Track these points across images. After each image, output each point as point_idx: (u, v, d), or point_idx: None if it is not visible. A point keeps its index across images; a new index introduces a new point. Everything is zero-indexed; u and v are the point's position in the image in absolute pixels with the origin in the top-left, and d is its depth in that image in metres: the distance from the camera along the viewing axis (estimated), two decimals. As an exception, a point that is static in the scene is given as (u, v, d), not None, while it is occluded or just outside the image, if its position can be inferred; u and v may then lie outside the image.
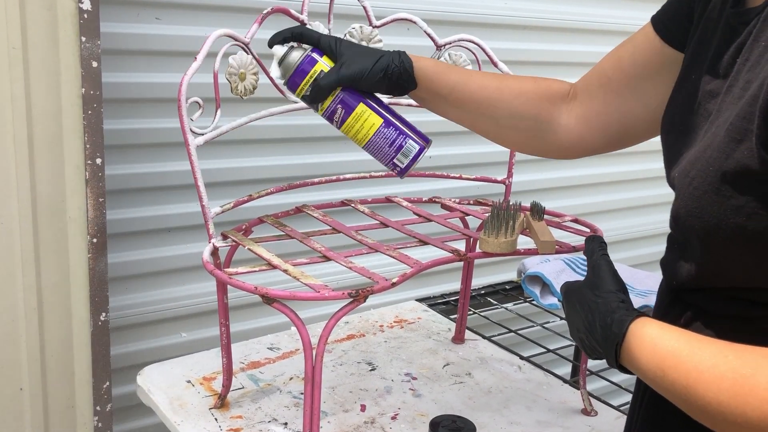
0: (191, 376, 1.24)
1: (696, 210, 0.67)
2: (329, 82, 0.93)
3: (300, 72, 0.95)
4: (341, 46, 0.95)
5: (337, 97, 0.95)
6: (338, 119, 0.96)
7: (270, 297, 0.88)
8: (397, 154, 0.96)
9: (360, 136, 0.96)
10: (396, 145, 0.96)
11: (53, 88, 1.19)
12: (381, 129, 0.95)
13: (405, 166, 0.97)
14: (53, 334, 1.27)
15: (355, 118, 0.95)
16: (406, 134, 0.97)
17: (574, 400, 1.25)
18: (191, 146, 0.98)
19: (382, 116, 0.96)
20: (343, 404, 1.18)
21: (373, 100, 0.97)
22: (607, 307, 0.72)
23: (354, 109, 0.95)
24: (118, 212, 1.50)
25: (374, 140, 0.96)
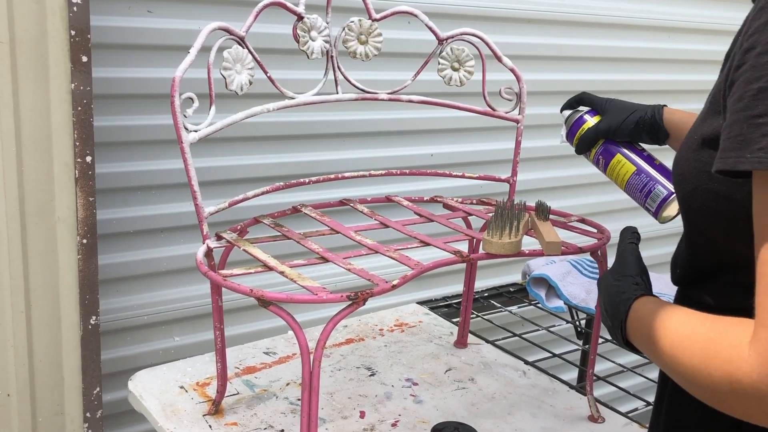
0: (184, 382, 1.24)
1: (680, 177, 0.73)
2: (589, 136, 1.14)
3: (573, 129, 1.18)
4: (608, 104, 1.15)
5: (599, 149, 1.14)
6: (602, 166, 1.15)
7: (266, 299, 0.88)
8: (646, 199, 1.10)
9: (618, 181, 1.13)
10: (645, 190, 1.10)
11: (41, 84, 1.19)
12: (633, 176, 1.11)
13: (654, 209, 1.10)
14: (41, 339, 1.27)
15: (613, 166, 1.13)
16: (656, 180, 1.10)
17: (580, 407, 1.25)
18: (185, 143, 0.98)
19: (635, 164, 1.12)
20: (341, 411, 1.18)
21: (631, 149, 1.13)
22: (621, 289, 0.78)
23: (612, 158, 1.13)
24: (109, 212, 1.50)
25: (629, 186, 1.12)
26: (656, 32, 2.26)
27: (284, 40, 1.33)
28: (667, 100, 2.35)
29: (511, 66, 1.26)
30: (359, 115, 1.77)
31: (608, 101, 1.16)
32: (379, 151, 1.82)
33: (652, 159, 1.13)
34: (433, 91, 1.36)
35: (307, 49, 1.13)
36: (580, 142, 1.16)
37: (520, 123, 1.30)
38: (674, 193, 1.05)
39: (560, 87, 2.09)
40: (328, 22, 1.14)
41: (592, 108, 1.18)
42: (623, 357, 1.63)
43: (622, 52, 2.21)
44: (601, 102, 1.17)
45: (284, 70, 1.53)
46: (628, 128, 1.11)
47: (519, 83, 1.27)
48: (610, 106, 1.15)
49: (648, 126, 1.10)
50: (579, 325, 1.78)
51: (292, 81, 1.30)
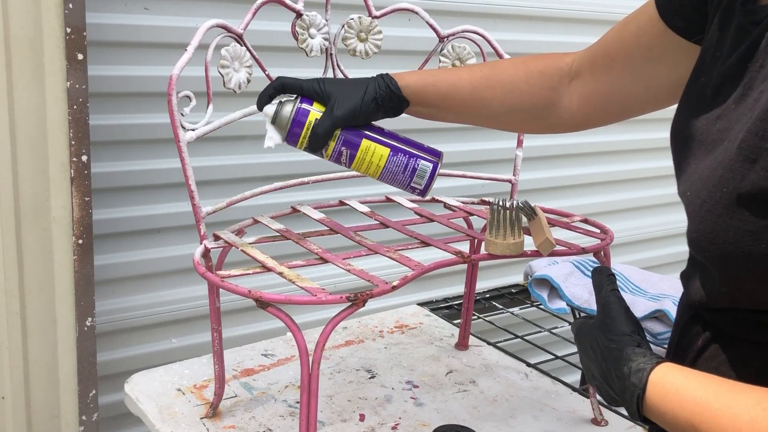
0: (181, 384, 1.24)
1: (710, 235, 0.65)
2: (326, 128, 0.96)
3: (295, 127, 0.97)
4: (326, 86, 0.97)
5: (339, 138, 0.98)
6: (345, 160, 1.00)
7: (264, 301, 0.88)
8: (413, 178, 1.00)
9: (372, 170, 1.00)
10: (409, 169, 0.99)
11: (36, 82, 1.19)
12: (390, 158, 0.99)
13: (424, 186, 1.01)
14: (36, 340, 1.27)
15: (361, 155, 0.99)
16: (416, 155, 1.00)
17: (583, 410, 1.25)
18: (182, 142, 0.98)
19: (388, 145, 0.99)
20: (341, 414, 1.18)
21: (374, 131, 1.00)
22: (622, 354, 0.69)
23: (359, 147, 0.99)
24: (105, 212, 1.50)
25: (387, 171, 1.00)
26: (660, 30, 2.26)
27: (283, 38, 1.33)
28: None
29: (513, 64, 1.26)
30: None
31: (320, 82, 0.97)
32: (379, 150, 1.82)
33: (395, 134, 1.01)
34: (433, 90, 1.36)
35: (306, 47, 1.13)
36: (313, 138, 0.96)
37: (522, 122, 1.29)
38: (438, 163, 1.00)
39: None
40: (328, 19, 1.14)
41: (302, 95, 0.98)
42: (627, 359, 1.63)
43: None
44: (312, 85, 0.97)
45: (283, 68, 1.53)
46: (368, 108, 0.96)
47: (521, 81, 1.27)
48: (329, 88, 0.97)
49: (386, 100, 0.97)
50: (582, 326, 1.77)
51: (290, 79, 1.29)
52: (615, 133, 2.25)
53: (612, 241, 1.15)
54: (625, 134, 2.29)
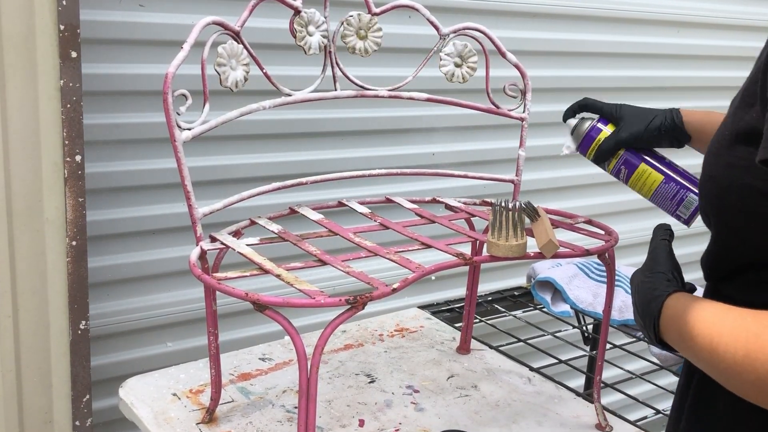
0: (177, 389, 1.24)
1: (712, 173, 0.73)
2: (609, 146, 1.14)
3: (587, 140, 1.17)
4: (620, 111, 1.15)
5: (621, 158, 1.14)
6: (623, 177, 1.15)
7: (262, 304, 0.88)
8: (678, 207, 1.12)
9: (644, 191, 1.15)
10: (677, 199, 1.12)
11: (29, 80, 1.19)
12: (662, 185, 1.13)
13: (687, 217, 1.12)
14: (29, 344, 1.27)
15: (637, 176, 1.14)
16: (687, 188, 1.12)
17: (587, 415, 1.25)
18: (178, 142, 0.98)
19: (663, 173, 1.13)
20: (340, 419, 1.18)
21: (654, 158, 1.14)
22: (651, 286, 0.79)
23: (636, 169, 1.14)
24: (99, 213, 1.50)
25: (657, 195, 1.13)
26: (665, 27, 2.26)
27: (281, 35, 1.33)
28: (677, 96, 2.36)
29: (515, 62, 1.26)
30: (358, 112, 1.77)
31: (618, 107, 1.16)
32: (379, 150, 1.82)
33: (674, 165, 1.14)
34: (434, 88, 1.36)
35: (304, 45, 1.13)
36: (599, 154, 1.16)
37: (524, 121, 1.30)
38: None
39: (566, 83, 2.09)
40: (326, 16, 1.14)
41: (601, 116, 1.18)
42: (632, 363, 1.63)
43: (629, 48, 2.21)
44: (611, 109, 1.16)
45: (281, 66, 1.53)
46: (651, 135, 1.12)
47: (524, 80, 1.27)
48: (623, 112, 1.15)
49: (669, 131, 1.11)
50: (586, 330, 1.77)
51: (288, 77, 1.30)
52: (619, 133, 2.25)
53: (616, 242, 1.15)
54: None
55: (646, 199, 1.15)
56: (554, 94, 2.07)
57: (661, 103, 2.30)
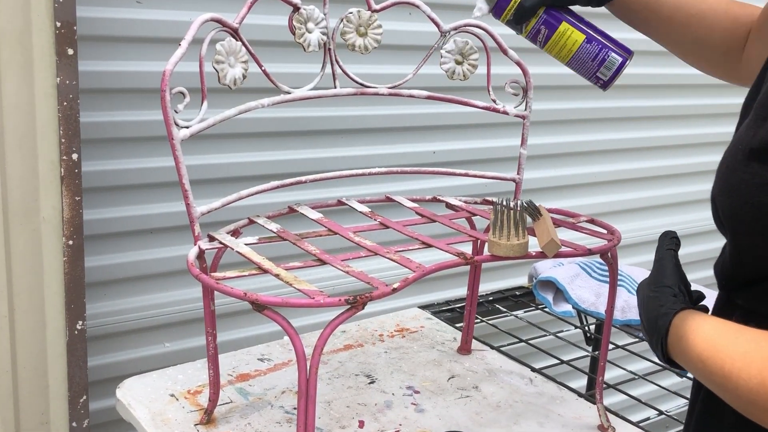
0: (175, 390, 1.24)
1: (725, 188, 0.72)
2: (532, 3, 1.06)
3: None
4: None
5: (540, 17, 1.08)
6: (542, 39, 1.09)
7: (260, 304, 0.88)
8: (600, 68, 1.08)
9: (564, 53, 1.09)
10: (599, 58, 1.08)
11: (25, 78, 1.19)
12: (583, 45, 1.08)
13: (608, 78, 1.09)
14: (25, 344, 1.27)
15: (558, 36, 1.08)
16: (608, 47, 1.08)
17: (590, 416, 1.25)
18: (175, 140, 0.98)
19: (584, 32, 1.08)
20: (339, 420, 1.18)
21: (574, 16, 1.09)
22: (658, 302, 0.77)
23: (557, 28, 1.08)
24: (96, 212, 1.50)
25: (577, 56, 1.08)
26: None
27: (280, 32, 1.33)
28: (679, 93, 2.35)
29: (517, 59, 1.26)
30: (358, 110, 1.77)
31: None
32: (379, 148, 1.82)
33: (594, 26, 1.09)
34: (435, 86, 1.36)
35: (303, 42, 1.13)
36: (519, 11, 1.06)
37: (526, 119, 1.30)
38: (628, 59, 1.09)
39: (569, 81, 2.08)
40: (326, 13, 1.14)
41: None
42: (634, 364, 1.63)
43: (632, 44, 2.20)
44: None
45: (280, 63, 1.53)
46: None
47: (525, 77, 1.27)
48: None
49: None
50: (588, 330, 1.78)
51: (287, 75, 1.30)
52: (621, 131, 2.25)
53: (619, 242, 1.15)
54: (631, 132, 2.29)
55: (564, 63, 1.10)
56: (556, 91, 2.07)
57: (665, 101, 2.31)
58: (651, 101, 2.29)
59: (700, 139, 2.46)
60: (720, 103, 2.46)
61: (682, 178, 2.44)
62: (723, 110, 2.47)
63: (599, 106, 2.19)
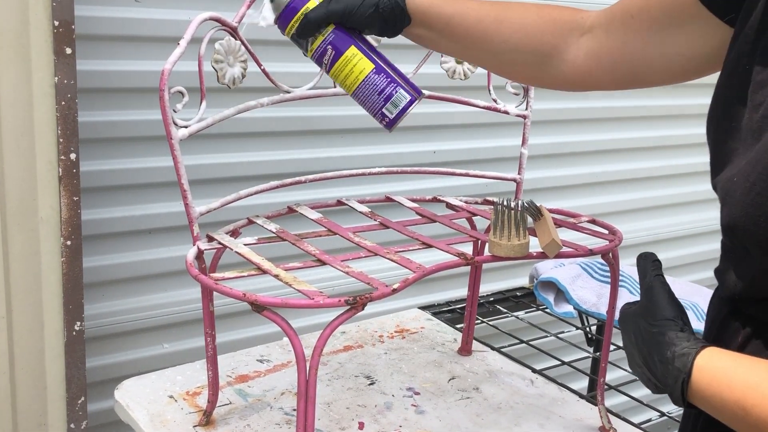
0: (174, 391, 1.24)
1: (759, 217, 0.65)
2: (318, 16, 0.95)
3: (291, 9, 0.97)
4: None
5: (328, 37, 0.97)
6: (327, 61, 0.98)
7: (260, 304, 0.88)
8: (386, 104, 0.98)
9: (349, 81, 0.99)
10: (385, 94, 0.98)
11: (23, 77, 1.19)
12: (371, 75, 0.98)
13: (393, 117, 0.99)
14: (23, 345, 1.27)
15: (344, 61, 0.98)
16: (397, 83, 0.99)
17: (591, 417, 1.25)
18: (174, 140, 0.98)
19: (374, 61, 0.98)
20: (339, 422, 1.18)
21: (365, 44, 0.99)
22: (665, 338, 0.70)
23: (344, 52, 0.97)
24: (95, 212, 1.50)
25: (363, 87, 0.98)
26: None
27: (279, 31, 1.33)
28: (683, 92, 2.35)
29: (517, 58, 1.26)
30: (358, 110, 1.75)
31: None
32: (379, 148, 1.82)
33: (385, 57, 1.00)
34: (435, 85, 1.36)
35: (303, 41, 1.13)
36: (303, 25, 0.96)
37: (527, 118, 1.30)
38: (417, 99, 0.99)
39: (570, 80, 2.09)
40: (325, 11, 1.14)
41: None
42: (636, 365, 1.63)
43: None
44: None
45: (279, 62, 1.53)
46: (367, 11, 0.95)
47: (526, 76, 1.27)
48: None
49: (387, 10, 0.95)
50: (589, 331, 1.78)
51: (287, 74, 1.30)
52: (623, 131, 2.25)
53: (621, 242, 1.15)
54: (634, 132, 2.29)
55: (349, 93, 1.00)
56: (557, 91, 2.07)
57: (668, 99, 2.31)
58: (653, 101, 2.29)
59: (702, 139, 2.45)
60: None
61: (683, 178, 2.44)
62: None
63: (601, 106, 2.19)
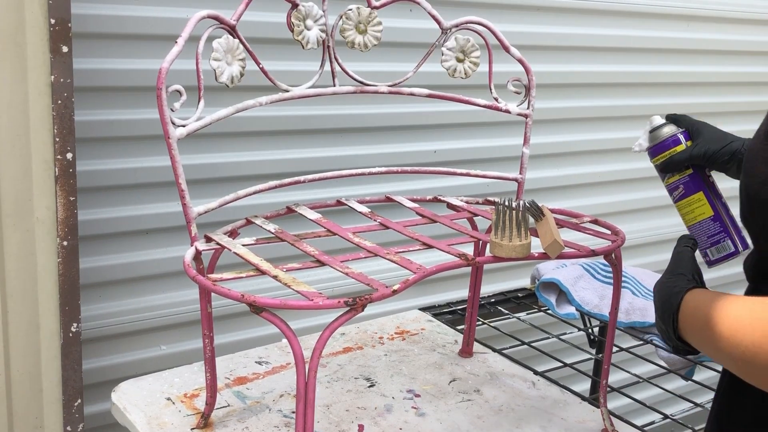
0: (171, 393, 1.24)
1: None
2: (681, 158, 1.15)
3: (663, 145, 1.18)
4: (702, 127, 1.16)
5: (684, 177, 1.16)
6: (677, 196, 1.17)
7: (258, 305, 0.88)
8: (711, 246, 1.15)
9: (688, 217, 1.17)
10: (714, 239, 1.15)
11: (19, 76, 1.19)
12: (707, 220, 1.15)
13: (713, 259, 1.15)
14: (19, 347, 1.27)
15: (690, 201, 1.16)
16: (728, 233, 1.14)
17: (593, 420, 1.25)
18: (172, 139, 0.98)
19: (714, 209, 1.15)
20: (338, 424, 1.18)
21: (713, 191, 1.16)
22: (671, 284, 0.84)
23: (692, 194, 1.15)
24: (91, 212, 1.50)
25: (698, 227, 1.16)
26: (674, 21, 2.26)
27: (278, 29, 1.33)
28: (685, 92, 2.36)
29: (519, 57, 1.26)
30: (357, 109, 1.77)
31: (702, 124, 1.17)
32: (379, 147, 1.82)
33: (727, 208, 1.16)
34: (436, 84, 1.36)
35: (302, 39, 1.13)
36: (669, 163, 1.16)
37: (529, 118, 1.30)
38: (739, 253, 1.13)
39: (571, 79, 2.09)
40: (325, 10, 1.14)
41: (686, 129, 1.18)
42: (639, 367, 1.63)
43: (637, 42, 2.21)
44: (696, 124, 1.18)
45: (278, 61, 1.53)
46: (722, 158, 1.12)
47: (528, 75, 1.27)
48: (704, 129, 1.16)
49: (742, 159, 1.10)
50: (592, 332, 1.78)
51: (286, 73, 1.30)
52: (625, 130, 2.25)
53: (623, 242, 1.15)
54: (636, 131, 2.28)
55: (685, 224, 1.17)
56: (559, 90, 2.07)
57: (670, 99, 2.31)
58: (656, 99, 2.29)
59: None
60: (728, 102, 2.46)
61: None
62: (732, 109, 2.47)
63: (603, 105, 2.19)
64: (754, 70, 2.51)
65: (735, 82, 2.48)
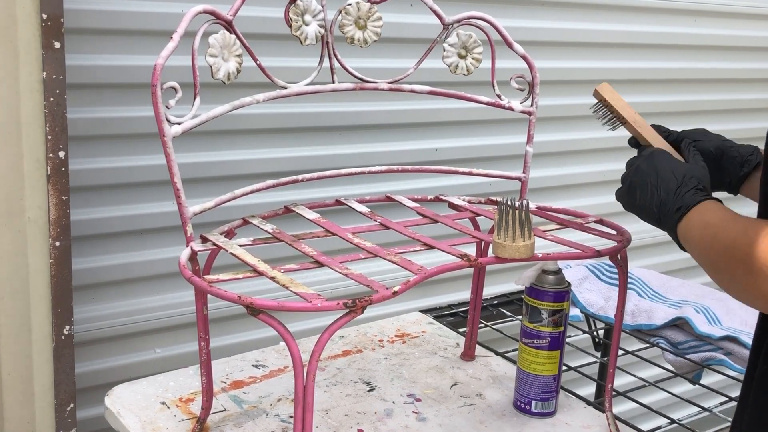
0: (166, 397, 1.24)
1: None
2: None
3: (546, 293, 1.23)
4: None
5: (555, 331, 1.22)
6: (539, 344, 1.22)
7: (255, 307, 0.88)
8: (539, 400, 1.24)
9: (526, 365, 1.24)
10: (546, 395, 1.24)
11: (10, 72, 1.19)
12: (547, 377, 1.23)
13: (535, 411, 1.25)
14: (10, 350, 1.27)
15: (549, 354, 1.22)
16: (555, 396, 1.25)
17: (598, 425, 1.25)
18: (167, 137, 0.98)
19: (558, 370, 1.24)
20: (337, 429, 1.18)
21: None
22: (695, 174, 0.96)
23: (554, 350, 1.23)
24: (84, 212, 1.50)
25: (530, 376, 1.23)
26: (681, 16, 2.26)
27: (275, 25, 1.33)
28: (692, 89, 2.36)
29: (522, 53, 1.26)
30: (357, 106, 1.77)
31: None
32: (379, 145, 1.82)
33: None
34: (437, 81, 1.36)
35: (300, 35, 1.13)
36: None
37: (532, 115, 1.30)
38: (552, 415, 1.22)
39: (576, 75, 2.09)
40: (324, 4, 1.14)
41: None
42: (645, 371, 1.63)
43: (643, 38, 2.21)
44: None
45: (275, 57, 1.53)
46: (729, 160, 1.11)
47: (531, 72, 1.27)
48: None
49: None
50: (597, 335, 1.78)
51: (283, 69, 1.30)
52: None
53: (629, 243, 1.15)
54: (643, 128, 2.29)
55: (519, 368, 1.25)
56: (563, 86, 2.07)
57: (676, 96, 2.31)
58: (661, 97, 2.29)
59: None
60: (734, 99, 2.46)
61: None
62: (737, 106, 2.47)
63: (608, 102, 2.19)
64: (762, 67, 2.51)
65: (743, 78, 2.48)
